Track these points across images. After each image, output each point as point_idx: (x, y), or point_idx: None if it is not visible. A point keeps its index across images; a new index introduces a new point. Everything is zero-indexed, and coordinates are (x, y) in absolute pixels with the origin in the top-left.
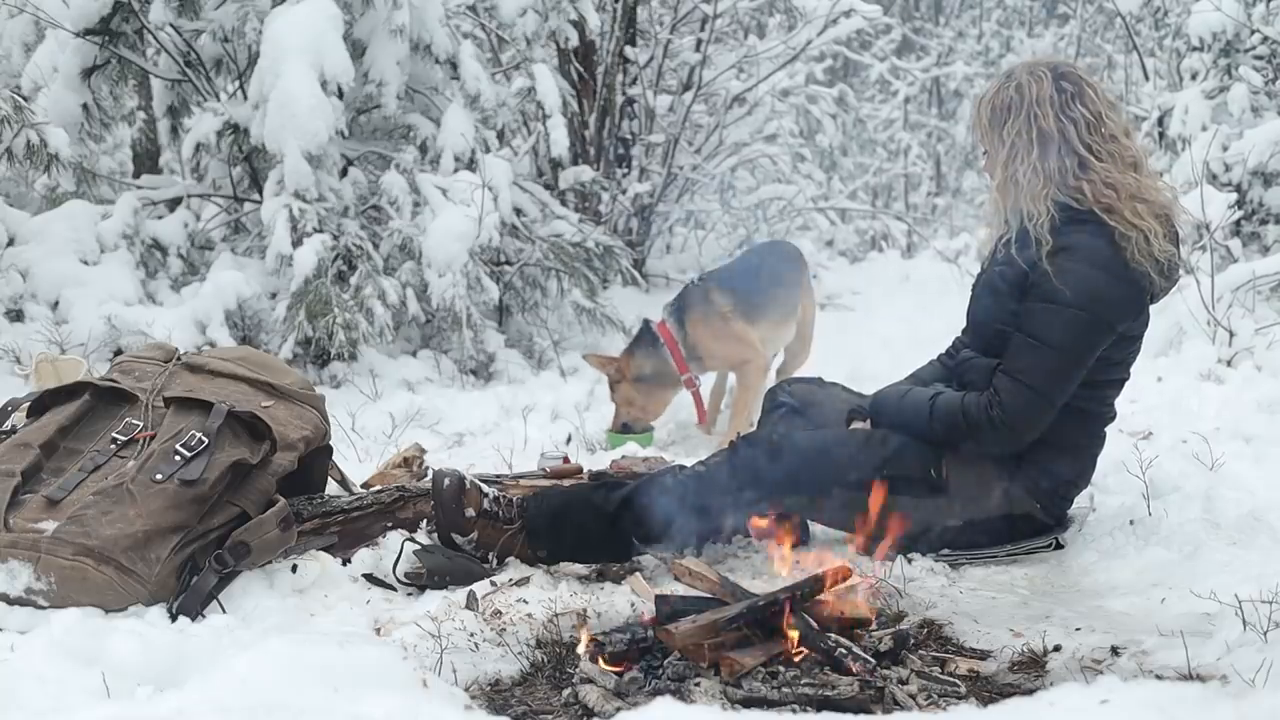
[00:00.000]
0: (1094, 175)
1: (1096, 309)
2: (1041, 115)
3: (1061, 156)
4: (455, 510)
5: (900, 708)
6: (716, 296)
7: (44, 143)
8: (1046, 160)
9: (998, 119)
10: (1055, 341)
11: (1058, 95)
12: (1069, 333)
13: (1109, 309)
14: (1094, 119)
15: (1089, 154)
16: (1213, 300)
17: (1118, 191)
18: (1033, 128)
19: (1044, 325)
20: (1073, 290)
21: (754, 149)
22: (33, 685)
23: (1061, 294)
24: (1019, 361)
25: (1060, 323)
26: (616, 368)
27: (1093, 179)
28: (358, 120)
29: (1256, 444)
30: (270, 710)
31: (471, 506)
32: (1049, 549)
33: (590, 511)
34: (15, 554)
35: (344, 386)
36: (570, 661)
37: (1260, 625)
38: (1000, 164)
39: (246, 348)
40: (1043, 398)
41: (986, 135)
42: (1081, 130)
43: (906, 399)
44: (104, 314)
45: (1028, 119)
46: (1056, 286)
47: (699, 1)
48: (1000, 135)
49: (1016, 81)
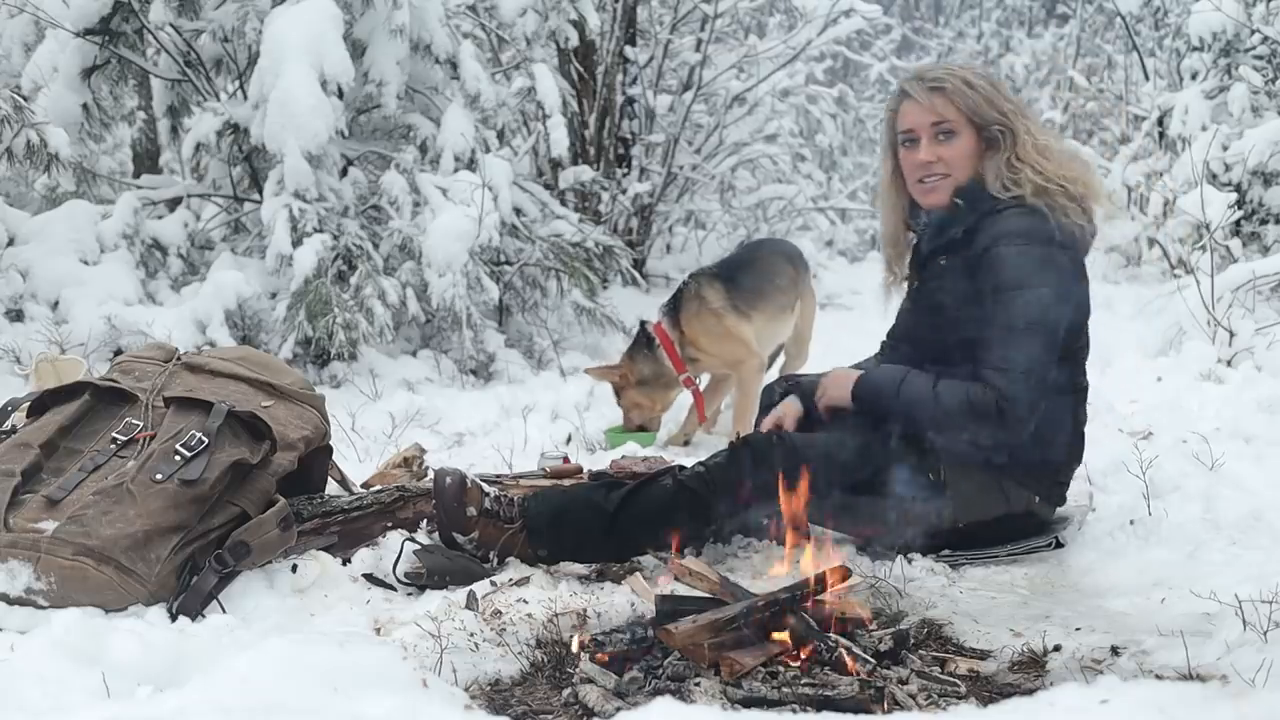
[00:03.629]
0: (1017, 163)
1: (1053, 280)
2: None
3: (1002, 150)
4: (457, 509)
5: (900, 708)
6: (708, 292)
7: (44, 142)
8: (995, 154)
9: (981, 106)
10: (1031, 324)
11: (992, 89)
12: (1039, 312)
13: (1063, 277)
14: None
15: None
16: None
17: (1032, 170)
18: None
19: (1015, 313)
20: (1026, 271)
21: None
22: (33, 685)
23: (1018, 278)
24: (1004, 353)
25: (1028, 305)
26: (620, 375)
27: (1016, 166)
28: (358, 120)
29: (1256, 444)
30: (270, 710)
31: (473, 505)
32: (1049, 548)
33: (591, 511)
34: (15, 554)
35: (344, 386)
36: (570, 661)
37: (1260, 625)
38: (964, 155)
39: (246, 348)
40: (1038, 381)
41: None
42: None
43: (907, 383)
44: (104, 314)
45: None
46: (1010, 274)
47: (699, 1)
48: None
49: (963, 76)
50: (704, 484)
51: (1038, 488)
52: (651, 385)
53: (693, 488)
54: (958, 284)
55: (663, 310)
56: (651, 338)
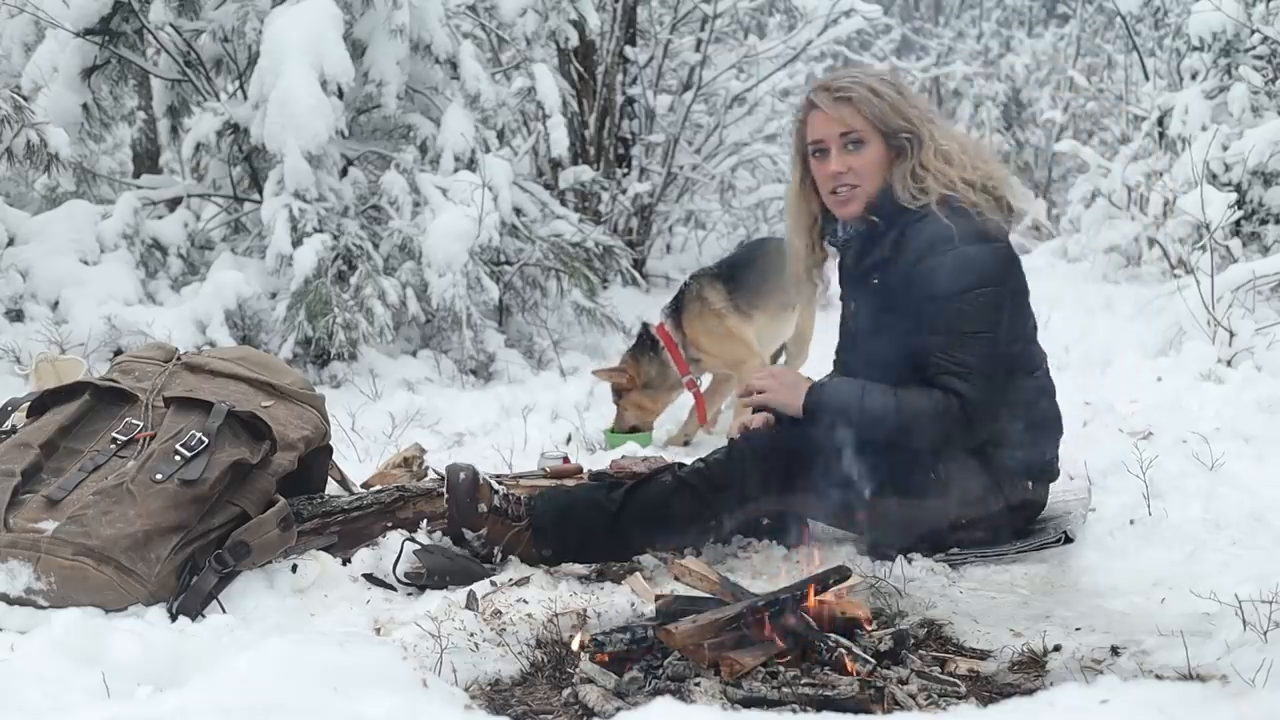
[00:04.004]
0: (921, 171)
1: (990, 277)
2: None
3: (908, 158)
4: (469, 505)
5: (900, 708)
6: (710, 293)
7: (44, 142)
8: (902, 162)
9: (887, 114)
10: (977, 326)
11: (899, 96)
12: (981, 312)
13: (996, 270)
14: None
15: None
16: (1213, 300)
17: (934, 179)
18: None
19: (960, 318)
20: (960, 274)
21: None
22: (33, 685)
23: (955, 283)
24: (959, 357)
25: (971, 308)
26: (628, 377)
27: (920, 175)
28: (358, 120)
29: (1256, 444)
30: (270, 710)
31: (484, 502)
32: (1059, 543)
33: (594, 510)
34: (15, 554)
35: (344, 386)
36: (570, 661)
37: (1260, 625)
38: (873, 163)
39: (246, 348)
40: (992, 380)
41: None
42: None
43: (868, 395)
44: (104, 314)
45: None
46: (946, 281)
47: (699, 1)
48: (880, 130)
49: (870, 85)
50: (704, 480)
51: (1028, 472)
52: (656, 388)
53: (693, 484)
54: (894, 299)
55: (665, 312)
56: (655, 340)
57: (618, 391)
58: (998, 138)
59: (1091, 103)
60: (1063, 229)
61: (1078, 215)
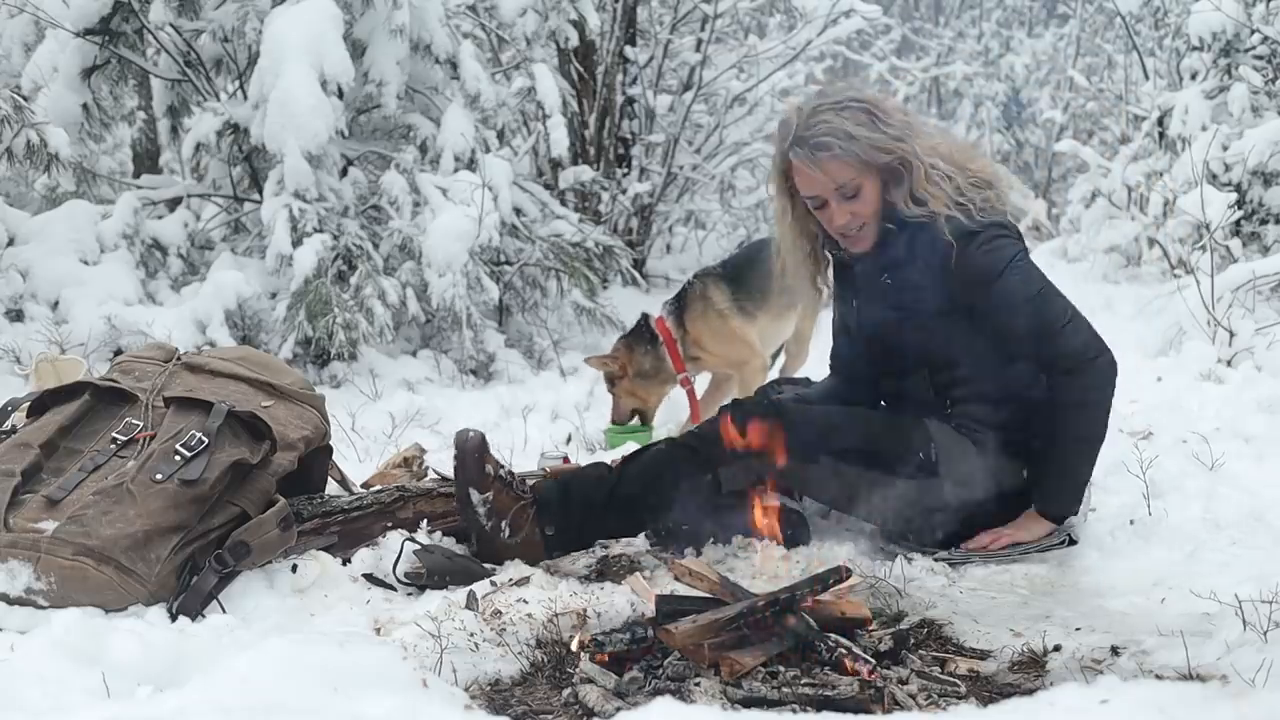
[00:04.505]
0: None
1: (1033, 271)
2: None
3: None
4: (476, 463)
5: (900, 708)
6: (714, 293)
7: (44, 143)
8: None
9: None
10: (1059, 316)
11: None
12: (1053, 302)
13: (1028, 258)
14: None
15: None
16: (1213, 300)
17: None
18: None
19: (1045, 318)
20: (998, 258)
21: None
22: (33, 685)
23: (998, 266)
24: (1069, 346)
25: (1045, 304)
26: (620, 365)
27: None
28: (358, 120)
29: (1256, 444)
30: (270, 710)
31: (490, 465)
32: (1062, 545)
33: (594, 483)
34: (15, 554)
35: (344, 386)
36: (570, 661)
37: (1260, 625)
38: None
39: (246, 348)
40: (1096, 339)
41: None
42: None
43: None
44: (104, 314)
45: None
46: (1011, 287)
47: (699, 1)
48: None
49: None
50: (697, 438)
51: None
52: (648, 380)
53: (688, 444)
54: (904, 296)
55: (667, 308)
56: (654, 333)
57: (610, 380)
58: (998, 138)
59: (1091, 103)
60: (1063, 229)
61: (1078, 215)
